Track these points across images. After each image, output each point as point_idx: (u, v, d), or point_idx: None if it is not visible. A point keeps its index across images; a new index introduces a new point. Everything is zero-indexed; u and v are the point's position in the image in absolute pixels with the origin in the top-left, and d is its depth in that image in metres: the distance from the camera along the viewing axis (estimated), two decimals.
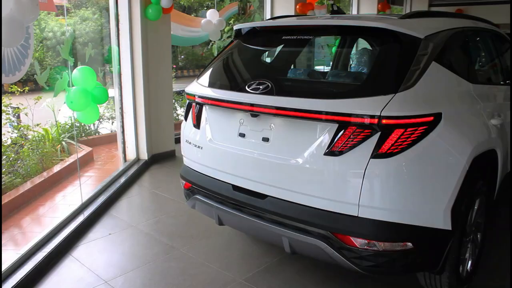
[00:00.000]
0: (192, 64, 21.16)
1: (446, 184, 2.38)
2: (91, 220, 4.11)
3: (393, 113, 2.21)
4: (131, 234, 3.92)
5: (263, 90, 2.59)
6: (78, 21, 9.93)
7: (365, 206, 2.28)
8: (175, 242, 3.74)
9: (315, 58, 4.27)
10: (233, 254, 3.55)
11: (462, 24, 3.16)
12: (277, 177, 2.56)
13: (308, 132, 2.46)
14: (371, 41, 2.97)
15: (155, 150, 6.05)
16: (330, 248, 2.40)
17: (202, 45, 17.96)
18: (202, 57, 20.73)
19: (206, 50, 19.58)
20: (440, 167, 2.37)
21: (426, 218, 2.36)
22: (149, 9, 5.47)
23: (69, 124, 6.52)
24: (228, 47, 3.29)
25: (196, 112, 3.11)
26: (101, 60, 7.39)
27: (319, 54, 7.06)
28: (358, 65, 3.23)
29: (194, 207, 3.22)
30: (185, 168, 3.26)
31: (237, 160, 2.77)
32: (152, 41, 5.73)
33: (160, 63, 5.93)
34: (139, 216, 4.34)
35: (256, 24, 3.07)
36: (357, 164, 2.27)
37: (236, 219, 2.85)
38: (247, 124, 2.74)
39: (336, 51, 4.17)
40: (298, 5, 8.33)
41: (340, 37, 4.04)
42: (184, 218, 4.24)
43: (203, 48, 19.50)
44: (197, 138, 3.05)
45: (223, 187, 2.86)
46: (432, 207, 2.36)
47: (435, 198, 2.36)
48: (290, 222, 2.52)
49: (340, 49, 3.97)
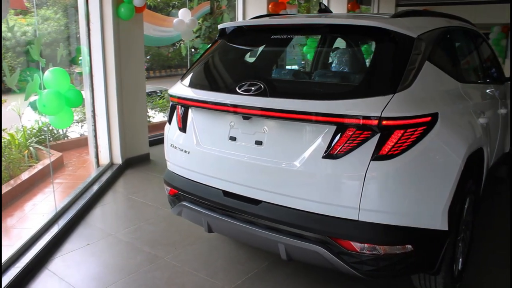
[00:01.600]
0: (158, 64, 20.76)
1: (444, 184, 2.36)
2: (66, 230, 3.90)
3: (393, 114, 2.17)
4: (111, 244, 3.73)
5: (255, 91, 2.49)
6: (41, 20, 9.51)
7: (365, 209, 2.23)
8: (158, 250, 3.59)
9: (306, 58, 4.18)
10: (219, 261, 3.43)
11: (447, 23, 3.16)
12: (272, 182, 2.47)
13: (304, 135, 2.38)
14: (366, 40, 2.92)
15: (129, 154, 5.84)
16: (329, 253, 2.33)
17: (168, 45, 17.64)
18: (168, 57, 20.38)
19: (173, 50, 19.27)
20: (439, 168, 2.35)
21: (425, 220, 2.34)
22: (121, 8, 5.26)
23: (36, 128, 6.20)
24: (212, 47, 3.17)
25: (181, 115, 2.97)
26: (68, 61, 7.09)
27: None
28: (353, 64, 3.18)
29: (180, 214, 3.09)
30: (170, 174, 3.12)
31: (228, 164, 2.66)
32: (124, 41, 5.52)
33: (133, 64, 5.73)
34: (117, 224, 4.15)
35: (243, 23, 2.97)
36: (357, 167, 2.21)
37: (227, 226, 2.74)
38: (238, 127, 2.63)
39: (317, 51, 4.11)
40: (270, 4, 8.27)
41: (320, 37, 3.99)
42: (164, 225, 4.08)
43: (169, 48, 19.18)
44: (184, 142, 2.92)
45: (212, 193, 2.74)
46: (431, 208, 2.34)
47: (434, 199, 2.34)
48: (286, 228, 2.44)
49: (326, 48, 3.91)
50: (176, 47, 16.81)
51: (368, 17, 2.62)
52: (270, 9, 8.33)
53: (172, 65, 20.70)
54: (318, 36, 3.61)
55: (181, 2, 16.59)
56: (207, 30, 15.02)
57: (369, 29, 2.49)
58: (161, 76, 20.24)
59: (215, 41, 3.20)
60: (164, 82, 16.93)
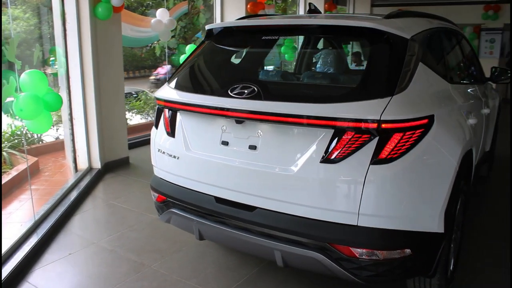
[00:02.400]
0: (131, 65, 20.37)
1: (442, 186, 2.35)
2: (46, 240, 3.73)
3: (392, 117, 2.13)
4: (94, 253, 3.59)
5: (249, 94, 2.41)
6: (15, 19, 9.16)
7: (365, 214, 2.19)
8: (144, 259, 3.47)
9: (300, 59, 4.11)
10: (208, 268, 3.34)
11: (435, 24, 3.17)
12: (267, 188, 2.40)
13: (300, 139, 2.32)
14: (361, 41, 2.89)
15: (108, 158, 5.67)
16: (327, 259, 2.28)
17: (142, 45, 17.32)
18: (141, 58, 20.04)
19: (146, 51, 18.94)
20: (436, 170, 2.33)
21: (423, 223, 2.31)
22: (98, 8, 5.09)
23: (9, 132, 5.95)
24: (199, 48, 3.08)
25: (169, 118, 2.87)
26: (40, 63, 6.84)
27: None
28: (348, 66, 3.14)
29: (169, 221, 2.98)
30: (157, 180, 3.01)
31: (220, 170, 2.57)
32: (102, 42, 5.34)
33: (112, 65, 5.56)
34: (100, 231, 4.00)
35: (233, 24, 2.88)
36: (357, 171, 2.17)
37: (219, 233, 2.66)
38: (230, 131, 2.55)
39: (308, 52, 4.06)
40: (249, 4, 8.21)
41: (306, 38, 3.94)
42: (149, 231, 3.96)
43: (143, 48, 18.85)
44: (172, 147, 2.81)
45: (204, 200, 2.65)
46: (429, 211, 2.31)
47: (433, 201, 2.32)
48: (282, 234, 2.37)
49: (319, 50, 3.86)
50: (149, 47, 16.53)
51: (361, 18, 2.58)
52: (249, 9, 8.26)
53: (146, 66, 20.37)
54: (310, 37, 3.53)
55: (155, 2, 16.32)
56: (182, 30, 14.82)
57: (364, 30, 2.45)
58: (135, 77, 19.90)
59: (202, 42, 3.11)
60: (138, 83, 16.65)
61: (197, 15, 14.15)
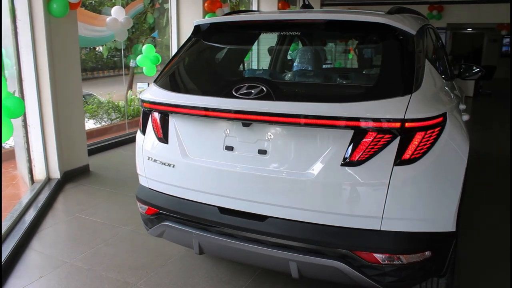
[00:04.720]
0: None
1: (457, 184, 2.30)
2: (11, 262, 3.32)
3: (415, 116, 2.04)
4: (69, 273, 3.24)
5: (257, 94, 2.23)
6: None
7: (389, 218, 2.08)
8: (127, 276, 3.18)
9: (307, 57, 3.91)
10: (201, 282, 3.11)
11: (424, 21, 3.14)
12: (281, 195, 2.23)
13: (316, 141, 2.17)
14: (370, 38, 2.78)
15: (67, 167, 5.23)
16: (349, 268, 2.15)
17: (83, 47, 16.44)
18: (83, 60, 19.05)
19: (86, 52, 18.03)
20: (452, 168, 2.28)
21: (442, 223, 2.25)
22: (53, 4, 4.66)
23: None
24: (187, 45, 2.84)
25: (160, 122, 2.62)
26: None
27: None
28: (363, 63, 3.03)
29: (161, 235, 2.73)
30: (146, 191, 2.75)
31: (224, 178, 2.37)
32: (58, 41, 4.91)
33: (68, 66, 5.12)
34: (71, 248, 3.63)
35: (227, 19, 2.67)
36: (380, 173, 2.06)
37: (224, 246, 2.45)
38: (235, 135, 2.35)
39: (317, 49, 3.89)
40: (206, 2, 7.98)
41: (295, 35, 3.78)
42: (127, 245, 3.66)
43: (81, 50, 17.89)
44: (166, 155, 2.57)
45: (206, 211, 2.44)
46: (447, 210, 2.25)
47: (450, 200, 2.26)
48: (298, 244, 2.22)
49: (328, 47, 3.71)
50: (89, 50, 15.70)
51: (366, 13, 2.48)
52: (206, 7, 8.05)
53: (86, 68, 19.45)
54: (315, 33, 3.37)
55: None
56: (129, 30, 14.20)
57: (373, 25, 2.35)
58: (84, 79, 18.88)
59: (189, 39, 2.88)
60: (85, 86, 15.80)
61: (144, 14, 13.61)
